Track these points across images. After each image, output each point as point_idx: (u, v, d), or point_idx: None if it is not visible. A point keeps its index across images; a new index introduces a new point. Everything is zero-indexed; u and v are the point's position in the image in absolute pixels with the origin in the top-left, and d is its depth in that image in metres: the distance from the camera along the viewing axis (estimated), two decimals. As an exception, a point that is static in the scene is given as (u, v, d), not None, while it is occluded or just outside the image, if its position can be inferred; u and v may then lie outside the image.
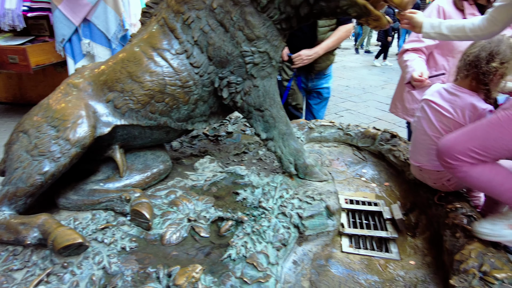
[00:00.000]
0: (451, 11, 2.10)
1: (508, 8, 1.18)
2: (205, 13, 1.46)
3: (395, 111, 2.54)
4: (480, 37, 1.34)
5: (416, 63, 2.12)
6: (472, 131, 1.16)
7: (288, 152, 1.63)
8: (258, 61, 1.47)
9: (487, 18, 1.29)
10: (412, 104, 2.38)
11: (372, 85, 7.74)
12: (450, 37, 1.42)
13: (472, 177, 1.20)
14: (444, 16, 2.11)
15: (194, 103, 1.56)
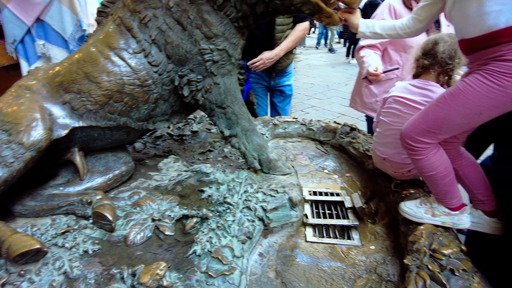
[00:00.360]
0: (401, 9, 2.22)
1: (430, 6, 1.31)
2: (162, 12, 1.45)
3: (355, 105, 2.64)
4: (409, 34, 1.47)
5: (371, 58, 2.22)
6: (426, 112, 1.24)
7: (252, 148, 1.66)
8: (217, 59, 1.49)
9: (413, 17, 1.43)
10: (370, 98, 2.49)
11: (335, 82, 7.98)
12: (384, 36, 1.54)
13: (427, 163, 1.29)
14: (395, 14, 2.22)
15: (154, 102, 1.55)
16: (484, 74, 1.08)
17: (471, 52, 1.15)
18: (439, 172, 1.29)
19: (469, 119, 1.16)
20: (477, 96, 1.10)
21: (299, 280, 1.29)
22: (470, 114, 1.14)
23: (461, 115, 1.15)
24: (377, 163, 1.75)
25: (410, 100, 1.54)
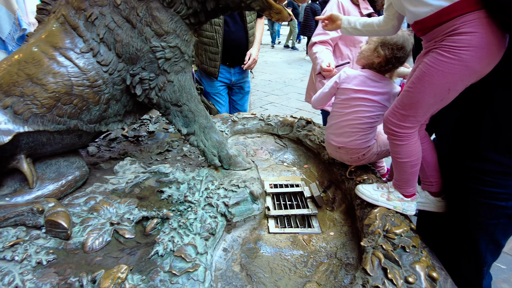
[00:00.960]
0: (349, 5, 2.33)
1: (391, 6, 1.39)
2: (109, 10, 1.40)
3: (310, 100, 2.72)
4: (385, 31, 1.55)
5: (324, 54, 2.31)
6: (401, 99, 1.29)
7: (211, 145, 1.66)
8: (170, 56, 1.47)
9: (384, 16, 1.51)
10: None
11: (292, 78, 8.15)
12: (363, 32, 1.64)
13: (406, 149, 1.36)
14: (343, 10, 2.32)
15: (105, 103, 1.50)
16: (441, 51, 1.12)
17: (426, 32, 1.19)
18: (412, 160, 1.36)
19: (441, 97, 1.20)
20: (440, 74, 1.15)
21: (264, 271, 1.32)
22: (439, 92, 1.19)
23: (431, 94, 1.20)
24: (332, 153, 1.82)
25: (367, 92, 1.61)
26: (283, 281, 1.28)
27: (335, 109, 1.73)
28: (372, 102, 1.61)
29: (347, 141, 1.68)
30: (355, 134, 1.65)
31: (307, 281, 1.28)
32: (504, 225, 1.36)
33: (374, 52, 1.62)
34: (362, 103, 1.62)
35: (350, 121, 1.65)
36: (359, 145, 1.67)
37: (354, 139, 1.66)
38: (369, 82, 1.63)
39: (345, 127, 1.67)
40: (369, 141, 1.67)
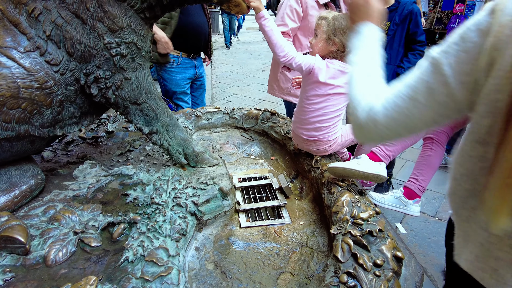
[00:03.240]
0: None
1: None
2: (54, 4, 1.30)
3: (273, 92, 2.71)
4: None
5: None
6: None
7: (176, 142, 1.62)
8: (126, 53, 1.40)
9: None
10: (286, 83, 2.58)
11: (253, 69, 8.13)
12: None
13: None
14: (301, 3, 2.29)
15: (59, 105, 1.40)
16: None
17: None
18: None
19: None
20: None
21: (238, 266, 1.32)
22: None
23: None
24: (299, 144, 1.84)
25: (339, 86, 1.61)
26: (258, 274, 1.29)
27: (305, 104, 1.70)
28: (342, 94, 1.63)
29: (317, 134, 1.71)
30: (326, 128, 1.69)
31: (281, 272, 1.30)
32: None
33: (328, 41, 1.60)
34: (334, 97, 1.64)
35: (321, 116, 1.67)
36: (328, 137, 1.71)
37: (324, 132, 1.70)
38: (338, 74, 1.61)
39: (316, 123, 1.69)
40: (337, 132, 1.73)
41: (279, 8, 2.28)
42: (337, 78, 1.61)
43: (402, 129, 0.76)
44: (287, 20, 2.24)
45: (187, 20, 2.53)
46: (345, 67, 1.61)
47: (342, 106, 1.67)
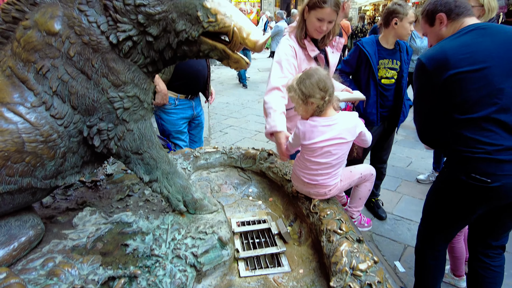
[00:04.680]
0: (298, 48, 2.36)
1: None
2: (61, 62, 1.36)
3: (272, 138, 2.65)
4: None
5: (277, 116, 2.14)
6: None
7: (175, 190, 1.64)
8: (129, 106, 1.45)
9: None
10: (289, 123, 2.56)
11: (249, 100, 8.28)
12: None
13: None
14: (295, 53, 2.34)
15: (62, 156, 1.43)
16: None
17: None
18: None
19: None
20: None
21: (238, 320, 1.30)
22: None
23: None
24: (298, 186, 1.87)
25: (330, 139, 1.67)
26: (258, 329, 1.27)
27: (306, 157, 1.75)
28: (339, 144, 1.69)
29: (319, 179, 1.76)
30: (327, 174, 1.76)
31: (281, 327, 1.28)
32: None
33: (307, 104, 1.67)
34: (331, 149, 1.69)
35: (323, 165, 1.74)
36: (329, 182, 1.77)
37: (326, 178, 1.76)
38: (324, 129, 1.66)
39: (318, 169, 1.75)
40: (338, 177, 1.80)
41: (276, 56, 2.33)
42: (326, 133, 1.66)
43: None
44: (286, 73, 2.25)
45: (186, 63, 2.61)
46: (328, 120, 1.68)
47: (344, 151, 1.74)
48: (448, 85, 1.71)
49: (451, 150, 1.84)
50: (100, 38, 1.35)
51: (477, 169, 1.70)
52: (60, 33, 1.34)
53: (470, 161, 1.72)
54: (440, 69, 1.71)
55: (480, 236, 2.03)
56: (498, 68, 1.64)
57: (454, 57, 1.68)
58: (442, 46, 1.77)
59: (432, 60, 1.75)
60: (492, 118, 1.66)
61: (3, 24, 1.39)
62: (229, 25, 1.34)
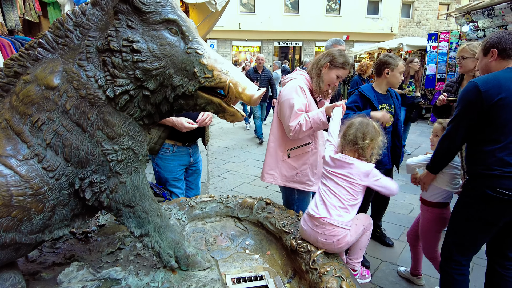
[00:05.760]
0: (308, 91, 2.52)
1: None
2: (58, 114, 1.36)
3: (273, 180, 2.65)
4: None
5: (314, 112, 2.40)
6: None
7: (167, 245, 1.57)
8: (123, 158, 1.43)
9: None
10: (291, 171, 2.58)
11: (248, 144, 8.32)
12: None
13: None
14: (305, 93, 2.48)
15: (51, 210, 1.38)
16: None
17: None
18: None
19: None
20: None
21: None
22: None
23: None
24: (307, 231, 1.86)
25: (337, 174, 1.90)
26: None
27: (324, 183, 1.95)
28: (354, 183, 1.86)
29: (333, 213, 1.82)
30: (342, 209, 1.84)
31: None
32: None
33: (354, 152, 1.93)
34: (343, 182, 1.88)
35: (340, 197, 1.86)
36: (341, 223, 1.80)
37: (339, 214, 1.82)
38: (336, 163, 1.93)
39: (333, 199, 1.86)
40: (349, 223, 1.82)
41: (290, 90, 2.45)
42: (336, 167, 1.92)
43: None
44: (303, 99, 2.44)
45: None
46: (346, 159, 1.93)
47: (354, 194, 1.86)
48: (496, 108, 1.99)
49: (479, 166, 2.09)
50: (97, 92, 1.37)
51: (502, 185, 1.98)
52: (58, 87, 1.36)
53: (497, 178, 2.00)
54: (492, 91, 1.99)
55: (499, 248, 2.24)
56: None
57: (505, 85, 1.99)
58: (495, 75, 2.08)
59: (487, 83, 2.03)
60: None
61: (5, 78, 1.42)
62: (225, 81, 1.36)
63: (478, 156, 2.11)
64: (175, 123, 2.56)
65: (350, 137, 1.93)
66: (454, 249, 2.26)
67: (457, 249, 2.25)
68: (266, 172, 2.67)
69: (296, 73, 2.63)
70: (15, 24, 3.66)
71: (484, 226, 2.13)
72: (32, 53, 1.42)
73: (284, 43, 25.70)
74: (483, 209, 2.08)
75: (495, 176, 2.00)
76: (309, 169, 2.58)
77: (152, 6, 1.35)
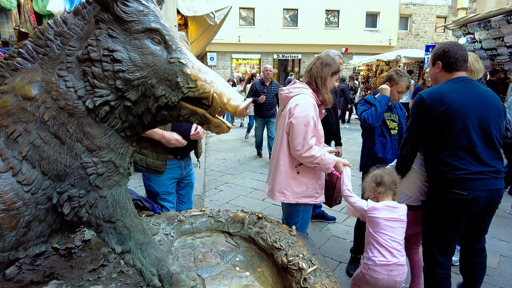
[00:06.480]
0: (315, 104, 2.56)
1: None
2: (35, 126, 1.31)
3: (285, 198, 2.63)
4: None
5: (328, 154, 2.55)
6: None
7: (149, 263, 1.49)
8: (103, 171, 1.37)
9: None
10: (301, 187, 2.59)
11: (246, 156, 8.26)
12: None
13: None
14: (315, 109, 2.52)
15: (25, 226, 1.31)
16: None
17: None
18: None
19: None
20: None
21: None
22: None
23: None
24: (383, 281, 2.23)
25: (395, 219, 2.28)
26: None
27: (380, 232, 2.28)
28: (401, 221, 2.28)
29: (399, 255, 2.23)
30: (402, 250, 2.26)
31: None
32: None
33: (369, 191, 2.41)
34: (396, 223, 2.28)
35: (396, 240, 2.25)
36: (404, 261, 2.25)
37: (401, 254, 2.23)
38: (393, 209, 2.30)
39: (393, 243, 2.22)
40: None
41: (303, 112, 2.46)
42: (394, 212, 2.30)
43: None
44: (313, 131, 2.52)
45: (174, 126, 2.60)
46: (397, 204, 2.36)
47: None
48: (440, 119, 2.25)
49: (435, 172, 2.37)
50: (77, 103, 1.32)
51: (456, 186, 2.27)
52: (36, 97, 1.31)
53: (451, 180, 2.28)
54: (436, 104, 2.25)
55: (469, 242, 2.56)
56: (473, 111, 2.23)
57: (447, 97, 2.24)
58: (439, 87, 2.35)
59: (431, 96, 2.29)
60: (466, 149, 2.24)
61: None
62: (208, 91, 1.31)
63: (433, 163, 2.38)
64: (164, 135, 2.50)
65: (387, 183, 2.33)
66: (434, 252, 2.46)
67: (437, 253, 2.45)
68: (277, 191, 2.64)
69: (301, 87, 2.62)
70: (9, 36, 3.65)
71: (451, 226, 2.38)
72: (11, 63, 1.38)
73: (283, 55, 25.92)
74: (445, 210, 2.34)
75: (450, 179, 2.28)
76: (316, 182, 2.64)
77: (134, 15, 1.31)
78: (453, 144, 2.25)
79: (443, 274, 2.45)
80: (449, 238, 2.42)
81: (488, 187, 2.25)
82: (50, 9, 3.97)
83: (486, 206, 2.32)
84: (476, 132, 2.23)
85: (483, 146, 2.24)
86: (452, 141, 2.25)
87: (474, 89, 2.31)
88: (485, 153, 2.25)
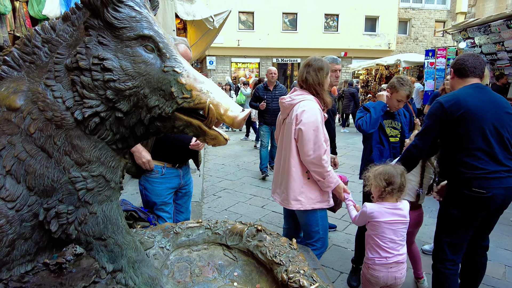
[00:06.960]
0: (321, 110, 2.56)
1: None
2: (20, 139, 1.23)
3: (301, 205, 2.58)
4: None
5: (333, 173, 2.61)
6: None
7: (142, 282, 1.42)
8: (93, 186, 1.29)
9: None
10: (314, 192, 2.56)
11: (245, 161, 8.18)
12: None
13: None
14: (321, 113, 2.52)
15: (9, 245, 1.23)
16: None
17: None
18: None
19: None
20: None
21: None
22: None
23: None
24: (383, 279, 2.31)
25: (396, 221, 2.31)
26: None
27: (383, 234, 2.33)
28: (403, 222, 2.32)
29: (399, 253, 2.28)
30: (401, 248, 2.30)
31: None
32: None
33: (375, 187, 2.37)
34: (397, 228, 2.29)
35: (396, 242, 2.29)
36: (404, 258, 2.30)
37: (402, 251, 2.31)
38: (396, 211, 2.30)
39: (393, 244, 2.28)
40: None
41: (310, 118, 2.45)
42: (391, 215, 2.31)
43: None
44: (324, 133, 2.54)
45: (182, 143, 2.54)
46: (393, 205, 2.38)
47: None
48: (457, 122, 2.40)
49: (453, 171, 2.50)
50: (65, 114, 1.24)
51: (475, 185, 2.38)
52: (21, 108, 1.24)
53: (470, 179, 2.39)
54: (454, 108, 2.42)
55: (473, 238, 2.61)
56: (488, 114, 2.38)
57: (463, 101, 2.41)
58: (455, 93, 2.52)
59: (448, 101, 2.46)
60: (483, 150, 2.37)
61: None
62: (204, 101, 1.24)
63: (452, 162, 2.50)
64: (139, 150, 2.42)
65: (397, 185, 2.32)
66: (447, 249, 2.54)
67: (450, 249, 2.54)
68: (292, 199, 2.58)
69: (303, 93, 2.60)
70: (3, 40, 3.58)
71: (466, 223, 2.47)
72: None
73: (282, 59, 25.92)
74: (463, 207, 2.45)
75: (469, 178, 2.40)
76: None
77: (126, 21, 1.24)
78: (470, 145, 2.38)
79: (454, 270, 2.54)
80: (463, 235, 2.50)
81: (504, 185, 2.37)
82: (45, 13, 3.91)
83: (501, 204, 2.44)
84: (492, 133, 2.36)
85: (498, 147, 2.37)
86: (469, 142, 2.38)
87: (487, 94, 2.47)
88: (501, 153, 2.37)
